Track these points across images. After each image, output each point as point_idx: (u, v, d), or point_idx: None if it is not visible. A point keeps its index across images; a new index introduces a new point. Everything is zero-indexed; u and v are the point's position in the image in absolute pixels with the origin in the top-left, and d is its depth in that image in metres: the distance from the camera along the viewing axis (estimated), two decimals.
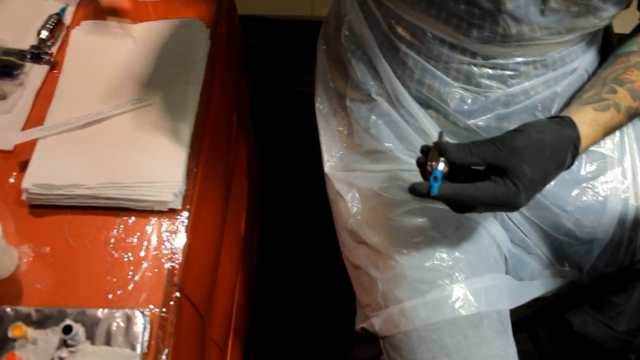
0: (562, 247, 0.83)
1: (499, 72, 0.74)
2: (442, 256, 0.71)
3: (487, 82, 0.74)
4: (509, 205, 0.61)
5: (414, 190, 0.61)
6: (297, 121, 1.75)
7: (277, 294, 1.48)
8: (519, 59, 0.73)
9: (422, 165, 0.63)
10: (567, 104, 0.75)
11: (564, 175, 0.81)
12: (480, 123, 0.76)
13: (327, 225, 0.92)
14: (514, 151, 0.59)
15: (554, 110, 0.77)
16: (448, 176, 0.61)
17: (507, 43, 0.71)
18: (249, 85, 1.32)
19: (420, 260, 0.71)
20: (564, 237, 0.82)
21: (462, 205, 0.63)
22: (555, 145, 0.62)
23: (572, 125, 0.64)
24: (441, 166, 0.60)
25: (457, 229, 0.74)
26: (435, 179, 0.59)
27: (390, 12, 0.78)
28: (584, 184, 0.81)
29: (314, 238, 1.53)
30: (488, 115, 0.76)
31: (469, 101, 0.76)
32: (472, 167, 0.63)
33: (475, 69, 0.74)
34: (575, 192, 0.81)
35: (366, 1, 0.82)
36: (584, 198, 0.81)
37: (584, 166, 0.82)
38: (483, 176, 0.61)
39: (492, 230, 0.77)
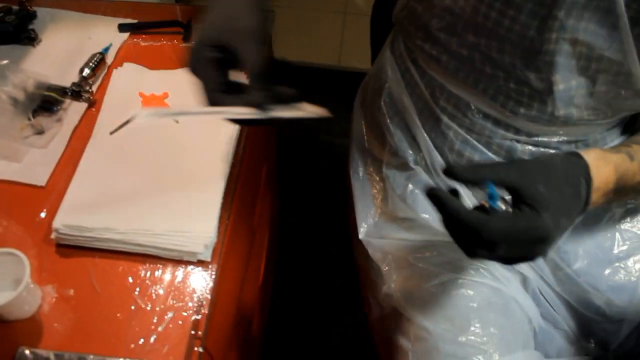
0: (590, 324, 0.81)
1: (541, 149, 0.74)
2: (476, 331, 0.69)
3: (528, 158, 0.74)
4: (533, 233, 0.54)
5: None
6: (319, 168, 1.76)
7: (288, 345, 1.45)
8: (563, 138, 0.73)
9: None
10: None
11: (597, 253, 0.80)
12: None
13: (341, 279, 0.90)
14: (525, 171, 0.56)
15: None
16: None
17: (553, 122, 0.70)
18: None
19: (454, 334, 0.69)
20: (593, 314, 0.80)
21: (480, 239, 0.55)
22: (565, 168, 0.59)
23: (577, 155, 0.61)
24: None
25: (491, 302, 0.73)
26: (492, 197, 0.55)
27: (434, 81, 0.78)
28: (617, 263, 0.79)
29: (327, 291, 1.52)
30: None
31: None
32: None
33: (517, 145, 0.74)
34: (607, 271, 0.79)
35: (408, 69, 0.82)
36: (616, 277, 0.79)
37: (617, 245, 0.80)
38: None
39: (525, 305, 0.76)
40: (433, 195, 0.55)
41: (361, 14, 2.44)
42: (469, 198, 0.79)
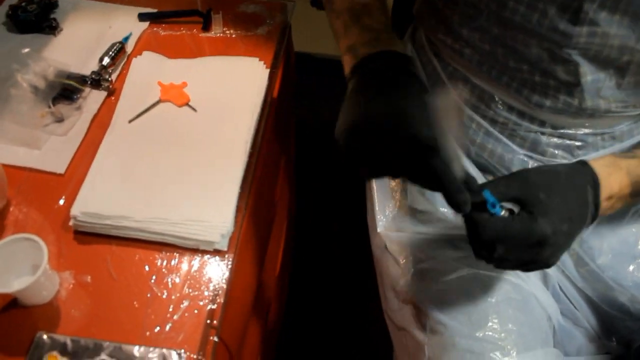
0: (612, 321, 0.79)
1: (566, 141, 0.72)
2: (494, 327, 0.68)
3: (553, 150, 0.72)
4: (528, 235, 0.55)
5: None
6: (336, 162, 1.75)
7: (304, 337, 1.45)
8: (589, 130, 0.71)
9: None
10: None
11: (621, 249, 0.78)
12: None
13: (357, 271, 0.90)
14: (526, 181, 0.57)
15: None
16: None
17: (579, 114, 0.69)
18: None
19: (471, 329, 0.68)
20: (616, 312, 0.78)
21: (480, 239, 0.57)
22: (569, 175, 0.59)
23: (583, 163, 0.61)
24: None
25: (509, 298, 0.71)
26: (494, 205, 0.56)
27: (457, 73, 0.77)
28: None
29: (343, 284, 1.51)
30: None
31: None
32: None
33: (542, 137, 0.73)
34: (632, 267, 0.77)
35: (430, 61, 0.81)
36: None
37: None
38: None
39: (545, 302, 0.74)
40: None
41: None
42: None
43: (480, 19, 0.68)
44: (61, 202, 0.74)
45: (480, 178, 0.78)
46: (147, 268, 0.69)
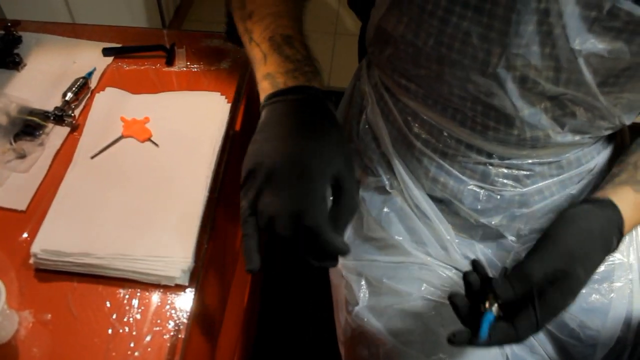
0: (566, 348, 0.81)
1: (514, 172, 0.75)
2: (445, 355, 0.70)
3: (502, 180, 0.75)
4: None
5: (453, 340, 0.57)
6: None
7: None
8: (535, 160, 0.74)
9: (468, 301, 0.59)
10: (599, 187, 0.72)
11: None
12: (493, 221, 0.76)
13: (327, 306, 0.90)
14: (568, 256, 0.57)
15: None
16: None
17: (522, 145, 0.72)
18: None
19: (425, 354, 0.70)
20: (568, 338, 0.80)
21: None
22: (603, 235, 0.60)
23: (614, 208, 0.62)
24: (495, 309, 0.56)
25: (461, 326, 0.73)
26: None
27: (407, 109, 0.79)
28: (591, 286, 0.80)
29: (312, 316, 1.51)
30: (502, 215, 0.76)
31: (484, 199, 0.76)
32: None
33: (491, 168, 0.75)
34: (581, 293, 0.80)
35: (382, 96, 0.84)
36: (590, 299, 0.80)
37: None
38: None
39: None
40: (456, 341, 0.57)
41: (351, 34, 2.47)
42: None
43: (421, 56, 0.71)
44: (23, 238, 0.74)
45: (434, 210, 0.80)
46: (108, 304, 0.69)
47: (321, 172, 0.53)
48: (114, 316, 0.68)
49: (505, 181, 0.75)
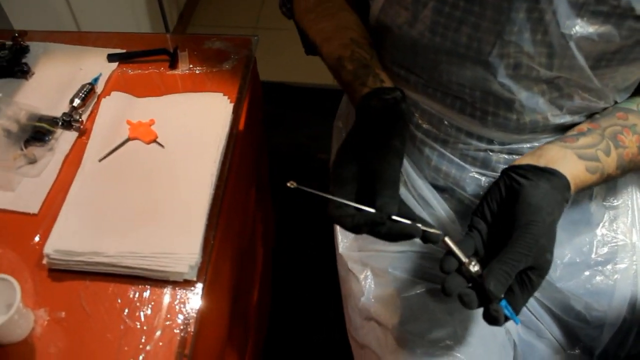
0: (573, 330, 0.82)
1: (515, 157, 0.76)
2: (452, 341, 0.71)
3: (503, 166, 0.76)
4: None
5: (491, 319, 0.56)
6: (315, 188, 1.77)
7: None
8: (535, 144, 0.75)
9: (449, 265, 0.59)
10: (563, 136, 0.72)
11: (575, 258, 0.81)
12: None
13: (335, 298, 0.92)
14: (539, 249, 0.57)
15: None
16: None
17: (521, 130, 0.73)
18: (268, 151, 1.35)
19: (431, 343, 0.71)
20: (574, 320, 0.81)
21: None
22: (559, 216, 0.61)
23: (569, 188, 0.62)
24: (476, 268, 0.58)
25: (467, 313, 0.74)
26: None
27: (408, 100, 0.80)
28: (595, 268, 0.81)
29: (323, 309, 1.53)
30: None
31: (486, 186, 0.77)
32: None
33: (492, 154, 0.76)
34: (585, 276, 0.81)
35: None
36: (594, 281, 0.80)
37: (595, 250, 0.82)
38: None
39: None
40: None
41: None
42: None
43: (418, 47, 0.72)
44: (34, 242, 0.76)
45: (437, 199, 0.81)
46: (119, 301, 0.71)
47: None
48: (126, 312, 0.70)
49: (505, 167, 0.76)
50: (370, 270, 0.82)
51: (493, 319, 0.56)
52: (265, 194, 1.31)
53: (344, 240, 0.88)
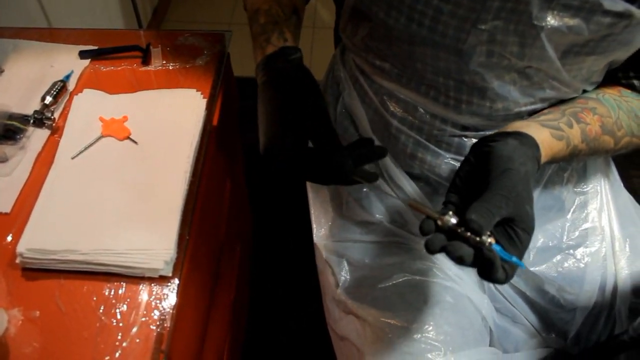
0: (547, 315, 0.84)
1: None
2: (429, 329, 0.72)
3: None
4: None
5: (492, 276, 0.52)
6: (290, 183, 1.78)
7: (266, 356, 1.47)
8: None
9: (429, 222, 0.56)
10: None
11: (548, 242, 0.83)
12: None
13: (315, 292, 0.93)
14: (518, 197, 0.55)
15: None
16: None
17: (494, 117, 0.74)
18: (243, 146, 1.35)
19: (409, 332, 0.72)
20: (548, 304, 0.83)
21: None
22: (533, 171, 0.60)
23: (538, 147, 0.62)
24: (453, 220, 0.53)
25: (443, 302, 0.75)
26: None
27: (383, 89, 0.81)
28: (567, 251, 0.83)
29: (302, 303, 1.54)
30: None
31: None
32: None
33: (466, 140, 0.78)
34: (557, 259, 0.83)
35: (357, 79, 0.86)
36: (566, 264, 0.83)
37: (566, 234, 0.84)
38: None
39: (478, 303, 0.78)
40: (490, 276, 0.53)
41: (329, 27, 2.48)
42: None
43: (393, 35, 0.73)
44: (7, 241, 0.76)
45: (412, 187, 0.82)
46: (95, 299, 0.71)
47: None
48: (101, 310, 0.70)
49: None
50: (346, 261, 0.82)
51: (488, 263, 0.51)
52: (240, 189, 1.31)
53: (319, 229, 0.88)
